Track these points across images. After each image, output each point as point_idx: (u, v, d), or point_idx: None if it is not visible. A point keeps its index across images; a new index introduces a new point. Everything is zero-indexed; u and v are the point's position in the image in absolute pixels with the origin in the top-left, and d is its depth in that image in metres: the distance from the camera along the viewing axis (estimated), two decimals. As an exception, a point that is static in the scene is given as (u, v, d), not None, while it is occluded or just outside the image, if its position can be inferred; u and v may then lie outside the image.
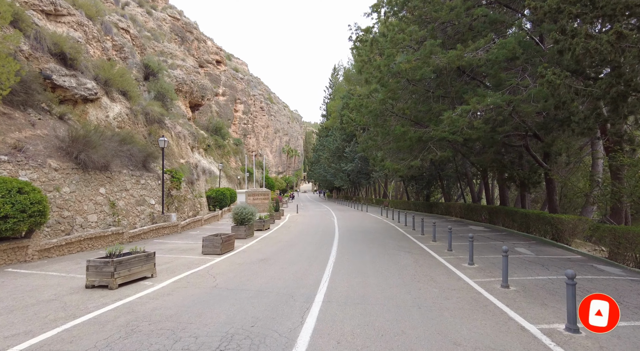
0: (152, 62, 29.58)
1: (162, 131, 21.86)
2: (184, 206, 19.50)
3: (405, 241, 13.54)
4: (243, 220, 14.10)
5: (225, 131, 48.08)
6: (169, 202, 17.72)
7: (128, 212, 14.19)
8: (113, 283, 6.21)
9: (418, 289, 6.80)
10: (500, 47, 10.17)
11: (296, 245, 12.50)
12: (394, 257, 10.22)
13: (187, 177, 20.95)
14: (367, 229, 17.72)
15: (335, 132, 57.78)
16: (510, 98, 9.87)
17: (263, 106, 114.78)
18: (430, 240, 13.67)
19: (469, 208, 23.40)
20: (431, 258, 10.23)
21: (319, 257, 10.15)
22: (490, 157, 14.75)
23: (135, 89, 20.87)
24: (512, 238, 14.57)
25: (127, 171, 14.80)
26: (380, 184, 51.26)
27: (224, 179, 37.27)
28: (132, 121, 19.52)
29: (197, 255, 10.38)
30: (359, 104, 13.97)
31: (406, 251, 11.24)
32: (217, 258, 9.95)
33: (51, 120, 13.59)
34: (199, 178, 23.73)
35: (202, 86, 38.97)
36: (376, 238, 14.57)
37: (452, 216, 26.04)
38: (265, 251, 11.26)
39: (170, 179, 18.29)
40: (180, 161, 22.04)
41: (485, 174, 22.13)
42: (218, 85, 71.76)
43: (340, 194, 77.72)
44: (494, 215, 20.14)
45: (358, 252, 11.07)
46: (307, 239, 14.00)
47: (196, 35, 51.17)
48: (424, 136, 12.34)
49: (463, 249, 11.75)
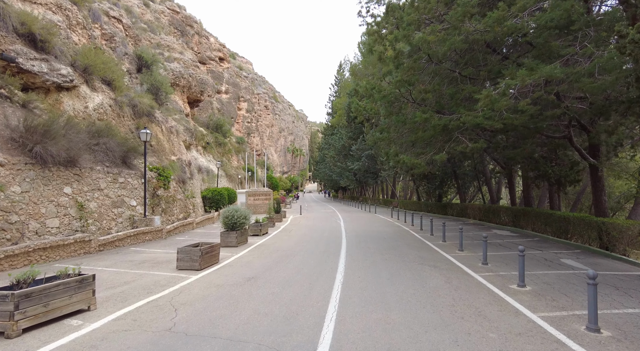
0: (146, 53, 27.69)
1: (152, 125, 19.90)
2: (173, 208, 17.50)
3: (426, 251, 11.34)
4: (234, 225, 12.01)
5: (227, 129, 46.15)
6: (154, 203, 15.72)
7: (101, 215, 12.19)
8: (12, 328, 4.13)
9: (467, 334, 4.63)
10: (554, 7, 7.94)
11: (295, 256, 10.37)
12: (419, 274, 8.05)
13: (178, 175, 18.96)
14: (378, 234, 15.54)
15: (341, 130, 55.53)
16: (570, 70, 7.63)
17: (268, 105, 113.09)
18: (456, 248, 11.46)
19: (489, 210, 21.06)
20: (465, 275, 8.03)
21: (322, 274, 8.01)
22: (527, 151, 12.44)
23: (121, 79, 18.93)
24: (549, 245, 12.27)
25: (102, 167, 12.81)
26: (389, 184, 48.95)
27: (223, 178, 35.32)
28: (117, 113, 17.56)
29: (170, 271, 8.31)
30: (370, 88, 11.78)
31: (431, 265, 9.05)
32: (193, 275, 7.87)
33: (11, 108, 11.65)
34: (193, 177, 21.74)
35: (201, 81, 37.04)
36: (391, 245, 12.39)
37: (468, 218, 23.71)
38: (256, 265, 9.14)
39: (156, 177, 16.30)
40: (171, 158, 20.07)
41: (510, 172, 19.79)
42: (221, 82, 70.07)
43: (346, 194, 75.50)
44: (520, 217, 17.82)
45: (372, 266, 8.91)
46: (309, 248, 11.87)
47: (197, 29, 49.32)
48: (451, 123, 10.13)
49: (499, 260, 9.52)
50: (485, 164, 24.35)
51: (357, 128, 48.68)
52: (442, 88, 10.73)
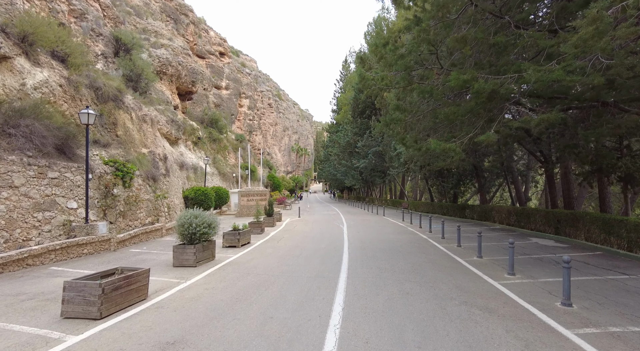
0: (125, 35, 24.58)
1: (119, 112, 16.72)
2: (137, 211, 14.25)
3: (462, 274, 7.88)
4: (193, 236, 8.68)
5: (223, 124, 43.00)
6: (108, 205, 12.49)
7: (12, 222, 8.96)
8: None
9: None
10: None
11: (271, 286, 6.99)
12: (469, 331, 4.61)
13: (147, 171, 15.72)
14: (390, 246, 12.10)
15: (346, 126, 52.00)
16: None
17: (271, 103, 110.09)
18: (502, 270, 8.01)
19: (522, 213, 17.41)
20: (550, 333, 4.57)
21: (303, 333, 4.63)
22: (622, 127, 8.80)
23: (81, 56, 15.76)
24: (628, 264, 8.72)
25: (21, 157, 9.59)
26: (397, 183, 45.32)
27: (216, 176, 32.13)
28: (71, 95, 14.36)
29: (47, 322, 5.00)
30: (382, 44, 8.36)
31: (482, 308, 5.60)
32: (80, 333, 4.56)
33: None
34: (170, 174, 18.50)
35: (193, 70, 33.91)
36: (410, 264, 8.94)
37: (493, 222, 20.11)
38: (203, 306, 5.78)
39: (113, 172, 13.07)
40: (141, 151, 16.85)
41: (551, 168, 16.18)
42: (221, 78, 67.15)
43: (352, 194, 71.99)
44: (567, 223, 14.25)
45: (387, 312, 5.50)
46: (296, 270, 8.48)
47: (192, 18, 46.27)
48: (503, 87, 6.68)
49: (582, 294, 5.99)
50: (513, 159, 20.73)
51: (363, 123, 45.14)
52: (488, 38, 7.25)
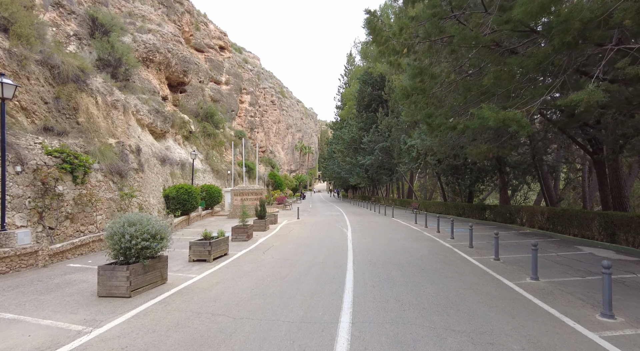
0: (103, 15, 22.00)
1: (81, 95, 14.09)
2: (93, 212, 11.59)
3: (530, 315, 5.05)
4: (128, 253, 5.95)
5: (220, 119, 40.39)
6: (46, 206, 9.82)
7: None
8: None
9: None
10: None
11: (228, 340, 4.25)
12: None
13: (110, 165, 13.05)
14: (409, 260, 9.28)
15: (350, 121, 49.14)
16: None
17: (274, 100, 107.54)
18: (589, 307, 5.19)
19: (562, 215, 14.46)
20: None
21: None
22: None
23: (30, 26, 13.16)
24: None
25: None
26: (405, 181, 42.40)
27: (209, 173, 29.52)
28: (12, 70, 11.75)
29: None
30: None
31: None
32: None
33: None
34: (143, 169, 15.82)
35: (185, 59, 31.30)
36: (445, 295, 6.13)
37: (520, 225, 17.15)
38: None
39: (57, 165, 10.41)
40: (108, 141, 14.20)
41: (601, 160, 13.23)
42: (221, 72, 64.62)
43: (357, 193, 69.15)
44: (623, 228, 11.34)
45: None
46: (273, 307, 5.70)
47: (187, 7, 43.68)
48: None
49: None
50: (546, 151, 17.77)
51: (369, 117, 42.27)
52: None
